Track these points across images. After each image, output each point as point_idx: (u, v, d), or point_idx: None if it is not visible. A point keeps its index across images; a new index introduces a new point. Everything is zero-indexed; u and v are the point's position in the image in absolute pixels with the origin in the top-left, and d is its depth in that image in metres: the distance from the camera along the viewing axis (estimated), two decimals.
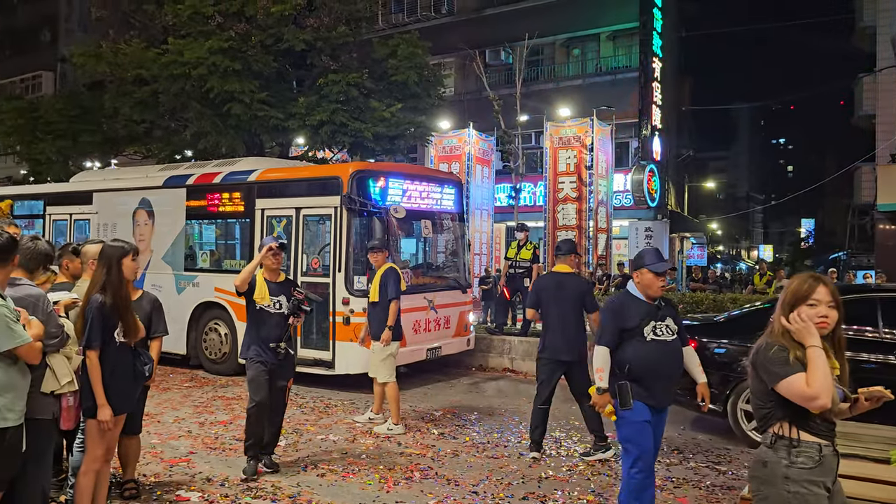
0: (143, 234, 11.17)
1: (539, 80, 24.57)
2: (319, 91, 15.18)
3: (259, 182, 10.08)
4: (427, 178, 10.53)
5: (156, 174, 11.77)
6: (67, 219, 12.34)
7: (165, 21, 15.89)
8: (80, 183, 13.06)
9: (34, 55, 35.99)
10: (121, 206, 11.50)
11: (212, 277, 10.42)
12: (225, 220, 10.72)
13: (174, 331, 10.07)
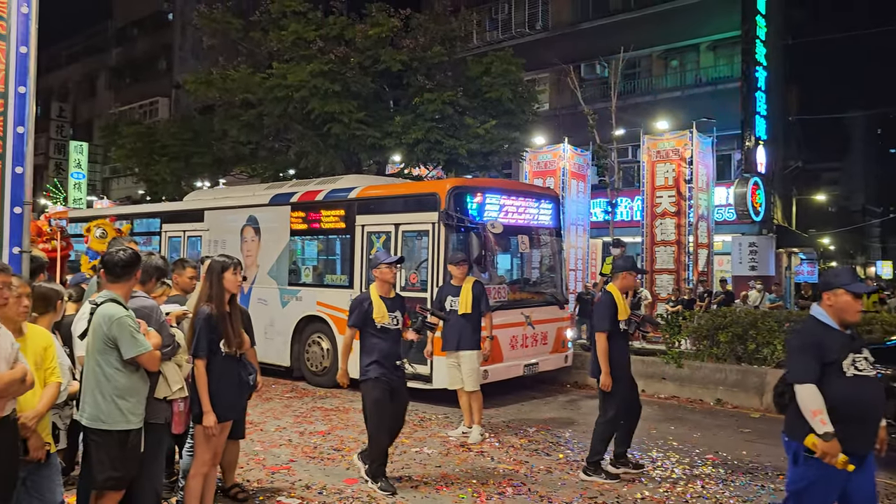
0: (250, 250, 11.52)
1: (636, 92, 24.11)
2: (415, 110, 15.49)
3: (359, 199, 10.27)
4: (524, 193, 10.50)
5: (262, 192, 12.15)
6: (181, 236, 12.84)
7: (270, 47, 16.66)
8: (192, 202, 13.63)
9: (152, 82, 38.46)
10: (230, 224, 11.91)
11: (314, 292, 10.63)
12: (326, 236, 10.93)
13: (278, 343, 10.73)
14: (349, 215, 10.29)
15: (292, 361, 10.75)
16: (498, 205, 9.62)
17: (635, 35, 21.94)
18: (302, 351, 10.69)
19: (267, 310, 11.01)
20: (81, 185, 35.90)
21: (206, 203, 12.83)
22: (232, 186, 16.42)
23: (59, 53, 45.77)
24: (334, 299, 10.22)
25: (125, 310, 3.73)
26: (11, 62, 4.14)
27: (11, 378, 3.04)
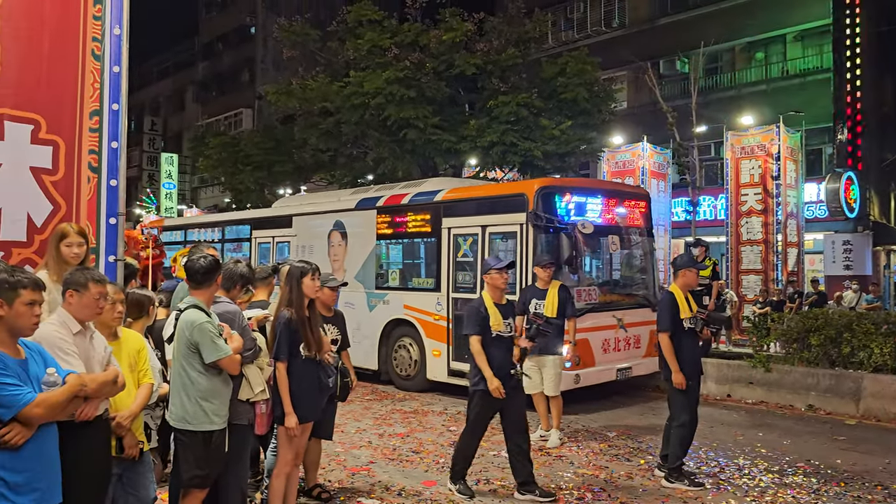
0: (337, 255, 11.60)
1: (718, 87, 23.35)
2: (490, 113, 15.50)
3: (445, 201, 10.20)
4: (614, 192, 10.21)
5: (348, 197, 12.21)
6: (270, 241, 13.01)
7: (347, 56, 17.03)
8: (280, 208, 13.86)
9: (236, 94, 39.89)
10: (317, 229, 12.01)
11: (401, 295, 10.63)
12: (412, 240, 10.86)
13: (366, 347, 10.81)
14: (435, 218, 10.22)
15: (380, 365, 10.81)
16: (587, 204, 9.36)
17: (717, 28, 21.27)
18: (389, 354, 10.72)
19: (354, 314, 10.95)
20: (172, 195, 37.55)
21: (294, 209, 12.96)
22: (319, 192, 16.70)
23: (150, 70, 48.09)
24: (421, 302, 10.24)
25: (206, 315, 3.88)
26: (105, 81, 4.38)
27: (105, 379, 3.21)
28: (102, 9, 4.37)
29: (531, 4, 19.11)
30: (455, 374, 9.61)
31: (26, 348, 2.96)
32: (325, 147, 17.89)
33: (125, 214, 4.49)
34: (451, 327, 9.73)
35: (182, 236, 15.35)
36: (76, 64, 4.28)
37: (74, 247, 3.79)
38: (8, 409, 2.73)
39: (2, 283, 2.83)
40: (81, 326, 3.30)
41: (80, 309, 3.28)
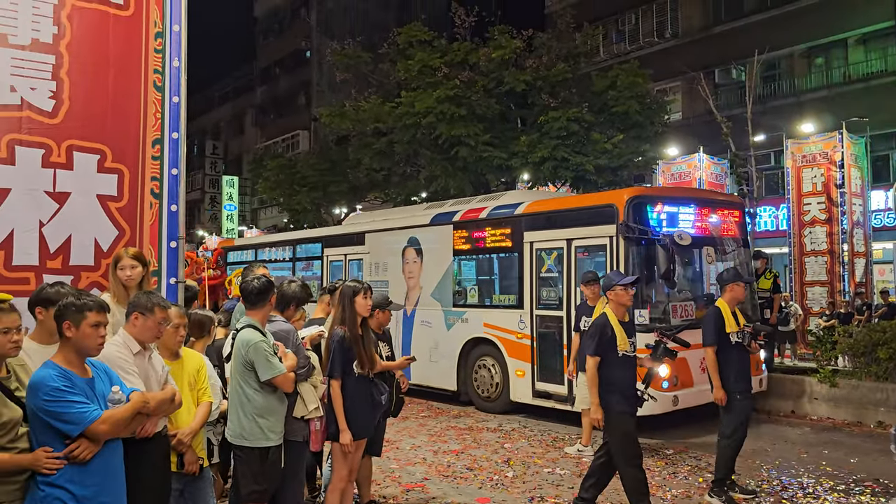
0: (412, 272, 11.32)
1: (776, 95, 22.81)
2: (540, 128, 15.52)
3: (527, 214, 9.78)
4: (708, 200, 9.67)
5: (422, 213, 11.86)
6: (342, 259, 12.77)
7: (398, 76, 17.32)
8: (352, 225, 13.52)
9: (293, 117, 40.85)
10: (390, 246, 11.75)
11: (480, 313, 10.24)
12: (492, 255, 10.49)
13: (443, 367, 10.64)
14: (516, 232, 9.84)
15: (459, 385, 10.46)
16: (680, 214, 8.84)
17: (773, 35, 20.82)
18: (469, 375, 10.35)
19: (431, 332, 10.87)
20: (233, 216, 38.59)
21: (367, 226, 12.67)
22: (391, 209, 16.37)
23: (212, 96, 49.69)
24: (502, 320, 9.87)
25: (261, 335, 4.01)
26: (166, 111, 4.58)
27: (163, 397, 3.35)
28: (163, 42, 4.59)
29: (581, 18, 19.11)
30: (541, 396, 9.25)
31: (93, 367, 3.12)
32: (379, 166, 18.18)
33: (184, 238, 4.68)
34: (535, 346, 9.36)
35: (252, 255, 15.30)
36: (138, 95, 4.50)
37: (127, 269, 3.95)
38: (76, 426, 2.88)
39: (69, 307, 2.99)
40: (141, 347, 3.46)
41: (143, 331, 3.44)
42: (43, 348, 3.32)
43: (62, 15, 4.21)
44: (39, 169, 4.08)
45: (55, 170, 4.13)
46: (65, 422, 2.87)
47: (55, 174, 4.13)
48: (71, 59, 4.23)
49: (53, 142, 4.14)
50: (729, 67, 23.20)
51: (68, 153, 4.18)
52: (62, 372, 2.94)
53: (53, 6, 4.18)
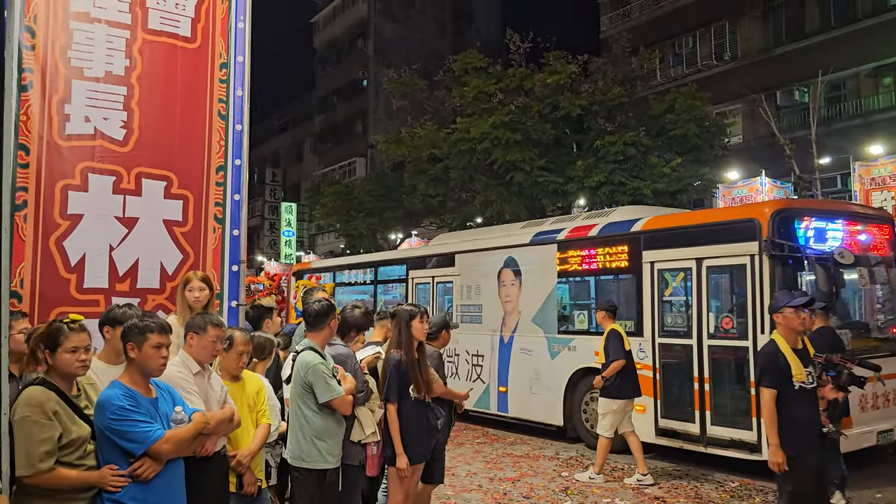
0: (510, 295, 10.42)
1: (842, 116, 22.15)
2: (597, 153, 15.42)
3: (647, 232, 8.78)
4: (858, 215, 8.60)
5: (520, 232, 10.99)
6: (430, 282, 12.03)
7: (454, 103, 17.50)
8: (440, 246, 12.77)
9: (350, 145, 41.60)
10: (484, 267, 10.93)
11: (590, 340, 8.95)
12: (604, 277, 9.49)
13: (547, 399, 9.68)
14: (634, 251, 8.83)
15: (565, 421, 9.41)
16: (831, 230, 7.84)
17: (837, 55, 20.27)
18: (577, 409, 9.31)
19: (531, 361, 9.93)
20: (291, 242, 39.34)
21: (457, 246, 11.85)
22: (484, 228, 15.09)
23: (272, 125, 51.09)
24: None
25: (320, 357, 4.05)
26: (230, 139, 4.73)
27: (223, 417, 3.41)
28: (228, 73, 4.75)
29: (636, 42, 18.99)
30: (666, 434, 8.18)
31: (157, 387, 3.20)
32: (434, 192, 18.33)
33: (246, 262, 4.78)
34: (658, 378, 8.33)
35: (330, 278, 14.68)
36: (203, 124, 4.65)
37: (196, 291, 4.09)
38: (140, 445, 2.95)
39: (132, 328, 3.10)
40: (200, 367, 3.53)
41: (199, 350, 3.53)
42: (110, 368, 3.43)
43: (134, 48, 4.40)
44: (110, 195, 4.25)
45: (125, 196, 4.30)
46: (129, 440, 2.95)
47: (125, 200, 4.30)
48: (141, 90, 4.41)
49: (124, 169, 4.31)
50: (791, 89, 22.68)
51: (137, 180, 4.35)
52: (128, 391, 3.03)
53: (126, 40, 4.37)
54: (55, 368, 3.02)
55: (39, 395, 2.92)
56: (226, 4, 4.78)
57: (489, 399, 10.58)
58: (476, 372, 10.84)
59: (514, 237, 10.85)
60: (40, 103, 4.05)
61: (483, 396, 10.66)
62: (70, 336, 3.01)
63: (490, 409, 10.56)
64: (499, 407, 10.35)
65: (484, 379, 10.63)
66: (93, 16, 4.26)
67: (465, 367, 11.02)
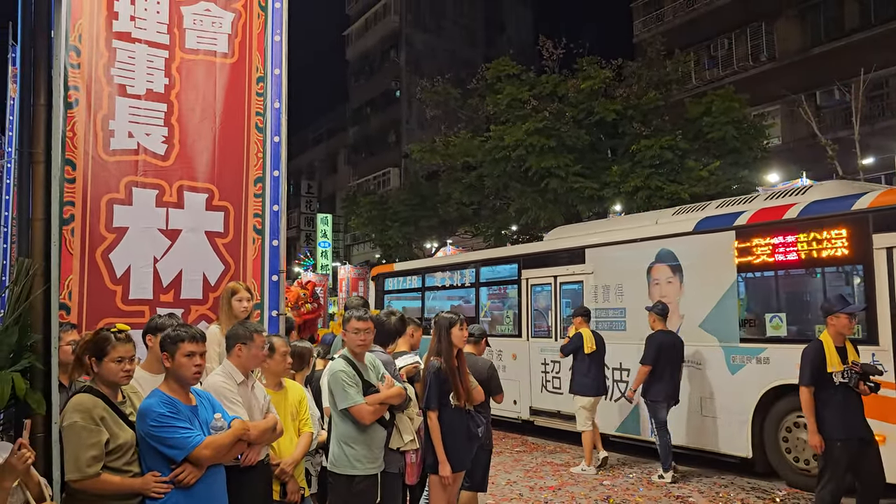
0: (666, 295, 8.69)
1: (885, 115, 21.63)
2: (632, 157, 15.29)
3: (877, 210, 6.98)
4: None
5: (676, 218, 9.24)
6: (551, 282, 10.43)
7: (487, 111, 17.53)
8: (563, 239, 10.78)
9: (384, 155, 41.90)
10: (627, 263, 9.28)
11: (790, 351, 7.09)
12: (810, 269, 7.73)
13: (727, 424, 7.97)
14: (857, 235, 7.09)
15: (754, 452, 7.72)
16: None
17: (879, 53, 19.81)
18: (774, 437, 7.59)
19: (702, 375, 8.27)
20: (327, 253, 39.70)
21: (588, 239, 10.13)
22: (617, 217, 13.69)
23: (306, 138, 51.72)
24: None
25: (346, 364, 4.07)
26: (267, 150, 4.80)
27: (265, 426, 3.45)
28: (264, 86, 4.83)
29: (671, 45, 18.81)
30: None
31: (197, 396, 3.26)
32: (469, 200, 18.35)
33: (285, 272, 4.83)
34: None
35: (419, 282, 13.18)
36: (241, 137, 4.73)
37: (244, 301, 4.19)
38: (180, 451, 3.01)
39: (166, 339, 3.17)
40: (245, 377, 3.58)
41: (249, 360, 3.58)
42: (153, 377, 3.50)
43: (172, 67, 4.50)
44: (153, 208, 4.35)
45: (167, 209, 4.39)
46: (170, 446, 3.00)
47: (167, 213, 4.38)
48: (180, 107, 4.50)
49: (166, 183, 4.40)
50: (831, 88, 22.23)
51: (179, 193, 4.44)
52: (167, 399, 3.09)
53: (165, 60, 4.48)
54: (100, 376, 3.09)
55: (87, 401, 3.00)
56: (262, 20, 4.86)
57: (639, 423, 8.82)
58: (619, 389, 9.15)
59: (670, 225, 9.11)
60: (85, 120, 4.16)
61: (630, 419, 9.01)
62: (116, 346, 3.08)
63: (641, 434, 8.83)
64: (652, 431, 8.15)
65: (631, 398, 8.66)
66: (133, 36, 4.37)
67: None
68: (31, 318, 3.14)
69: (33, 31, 3.50)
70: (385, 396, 4.09)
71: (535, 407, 10.60)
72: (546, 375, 10.42)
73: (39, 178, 3.40)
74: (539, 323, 10.77)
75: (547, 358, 10.38)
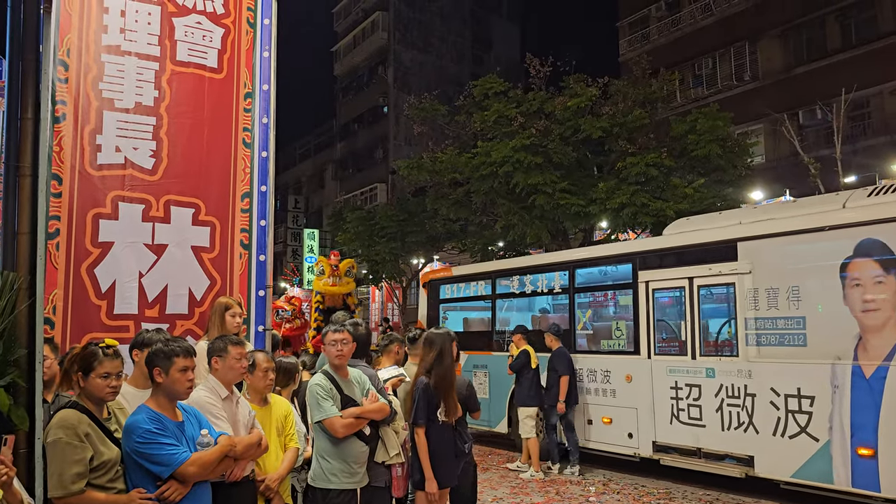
0: (874, 301, 6.65)
1: (867, 135, 21.96)
2: (619, 174, 15.39)
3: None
4: None
5: (872, 200, 7.15)
6: (683, 286, 8.35)
7: (474, 127, 17.60)
8: (695, 232, 8.62)
9: (371, 171, 41.95)
10: (809, 258, 7.30)
11: None
12: None
13: None
14: None
15: None
16: None
17: (861, 73, 20.14)
18: None
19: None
20: (314, 268, 39.57)
21: (740, 230, 7.99)
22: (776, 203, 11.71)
23: (294, 153, 51.71)
24: None
25: (323, 377, 4.08)
26: (255, 166, 4.81)
27: (250, 442, 3.43)
28: (252, 102, 4.85)
29: (656, 64, 19.03)
30: None
31: (183, 411, 3.23)
32: (456, 217, 18.39)
33: (272, 287, 4.83)
34: None
35: (486, 289, 11.22)
36: (229, 152, 4.74)
37: (237, 317, 4.19)
38: (166, 467, 2.98)
39: (158, 353, 3.14)
40: (229, 392, 3.56)
41: (226, 372, 3.56)
42: (139, 392, 3.47)
43: (163, 80, 4.51)
44: (140, 223, 4.34)
45: (154, 223, 4.38)
46: (156, 463, 2.98)
47: (154, 227, 4.38)
48: (169, 120, 4.51)
49: (153, 197, 4.40)
50: (814, 108, 22.55)
51: (166, 208, 4.43)
52: (154, 415, 3.07)
53: (155, 72, 4.49)
54: (86, 392, 3.07)
55: (72, 417, 2.97)
56: (250, 36, 4.89)
57: (830, 466, 6.77)
58: (797, 422, 7.09)
59: (869, 209, 6.96)
60: (72, 134, 4.15)
61: (815, 461, 6.89)
62: (104, 361, 3.06)
63: (833, 481, 6.73)
64: (855, 479, 6.55)
65: (815, 434, 6.91)
66: (123, 49, 4.38)
67: (769, 414, 7.31)
68: (16, 332, 3.12)
69: (22, 45, 3.51)
70: (362, 411, 4.07)
71: (661, 442, 8.38)
72: (678, 402, 8.20)
73: (26, 191, 3.40)
74: (665, 337, 8.67)
75: (679, 381, 8.20)
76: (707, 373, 7.93)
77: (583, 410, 9.40)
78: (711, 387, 7.83)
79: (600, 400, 9.27)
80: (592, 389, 9.37)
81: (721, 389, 7.76)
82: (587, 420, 9.41)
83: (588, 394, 9.42)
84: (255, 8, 4.92)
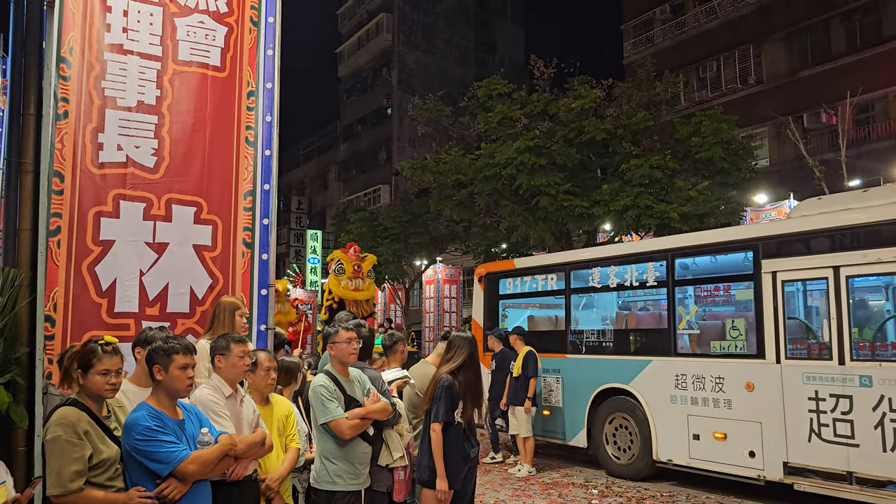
0: None
1: (872, 138, 21.89)
2: (622, 176, 15.36)
3: None
4: None
5: None
6: (826, 276, 6.92)
7: (478, 129, 17.59)
8: (854, 212, 6.98)
9: (375, 172, 42.00)
10: None
11: None
12: None
13: None
14: None
15: None
16: None
17: (866, 76, 20.10)
18: None
19: None
20: (317, 269, 39.58)
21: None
22: None
23: (297, 154, 51.78)
24: None
25: (327, 378, 4.04)
26: (258, 164, 4.79)
27: (253, 441, 3.41)
28: (256, 101, 4.83)
29: (661, 67, 19.01)
30: None
31: (184, 409, 3.21)
32: (459, 218, 18.36)
33: (275, 287, 4.81)
34: None
35: (559, 283, 9.96)
36: (231, 151, 4.72)
37: (244, 317, 4.18)
38: (166, 465, 2.96)
39: (157, 351, 3.12)
40: (233, 390, 3.54)
41: (229, 369, 3.54)
42: (141, 391, 3.45)
43: (164, 79, 4.50)
44: (141, 221, 4.32)
45: (155, 222, 4.36)
46: (155, 461, 2.96)
47: (155, 226, 4.36)
48: (171, 119, 4.49)
49: (154, 196, 4.38)
50: (818, 111, 22.50)
51: (167, 206, 4.41)
52: (154, 413, 3.05)
53: (157, 71, 4.47)
54: (86, 389, 3.05)
55: (71, 415, 2.95)
56: (253, 35, 4.88)
57: None
58: None
59: None
60: (74, 132, 4.14)
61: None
62: (103, 358, 3.04)
63: None
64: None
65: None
66: (125, 47, 4.37)
67: None
68: (17, 330, 3.10)
69: (24, 42, 3.50)
70: (367, 411, 4.04)
71: (794, 463, 7.01)
72: (818, 416, 6.81)
73: (27, 187, 3.38)
74: (799, 338, 7.30)
75: (821, 391, 6.81)
76: (861, 381, 6.50)
77: (686, 423, 7.93)
78: (868, 398, 6.42)
79: (710, 411, 7.68)
80: (700, 399, 7.78)
81: (882, 401, 6.35)
82: (692, 435, 7.84)
83: (694, 404, 7.83)
84: (259, 6, 4.91)
